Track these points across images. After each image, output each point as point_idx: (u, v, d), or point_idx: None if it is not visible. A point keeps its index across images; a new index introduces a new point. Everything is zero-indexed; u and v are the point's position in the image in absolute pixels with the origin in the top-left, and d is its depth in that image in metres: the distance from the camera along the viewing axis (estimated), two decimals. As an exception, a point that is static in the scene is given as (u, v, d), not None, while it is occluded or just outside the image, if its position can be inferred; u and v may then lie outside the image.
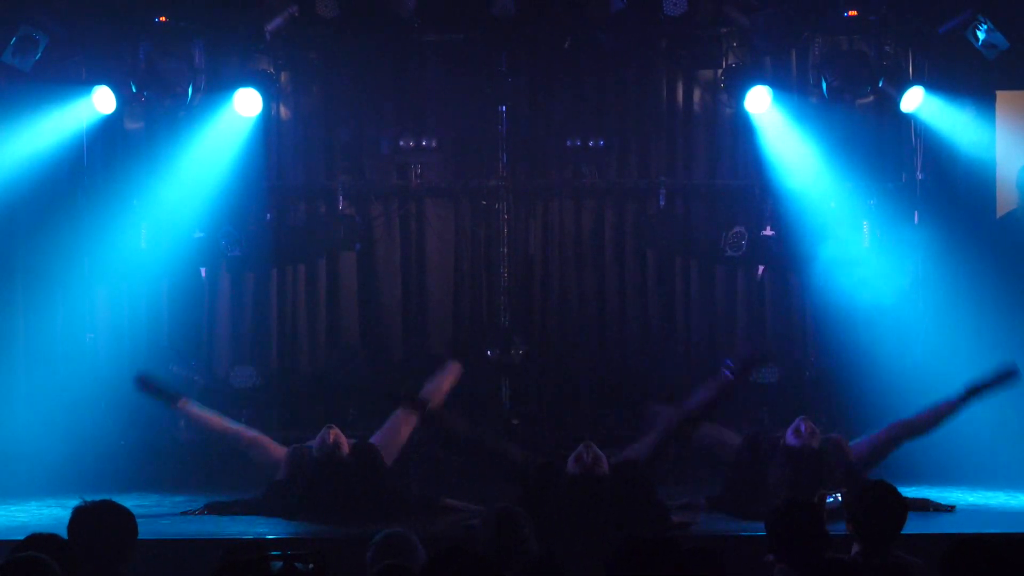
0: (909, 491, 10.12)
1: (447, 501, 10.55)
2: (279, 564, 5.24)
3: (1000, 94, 12.75)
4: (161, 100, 12.62)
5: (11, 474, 11.61)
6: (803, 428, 10.27)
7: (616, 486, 9.68)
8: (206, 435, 11.47)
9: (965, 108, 12.70)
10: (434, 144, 13.23)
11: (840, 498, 8.56)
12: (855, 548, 6.51)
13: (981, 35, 12.17)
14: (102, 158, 12.97)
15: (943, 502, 10.39)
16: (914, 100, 12.65)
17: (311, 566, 5.23)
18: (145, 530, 6.38)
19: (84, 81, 12.58)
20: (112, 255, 12.77)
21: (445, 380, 11.20)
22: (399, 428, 10.91)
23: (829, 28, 12.76)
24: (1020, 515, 10.39)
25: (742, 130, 13.17)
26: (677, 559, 5.18)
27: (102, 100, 12.49)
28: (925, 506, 10.22)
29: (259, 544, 8.54)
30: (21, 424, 12.17)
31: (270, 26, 12.60)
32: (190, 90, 12.47)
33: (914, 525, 8.87)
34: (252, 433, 11.00)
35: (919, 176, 13.01)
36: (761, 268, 13.19)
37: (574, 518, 9.45)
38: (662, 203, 13.22)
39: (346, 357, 13.18)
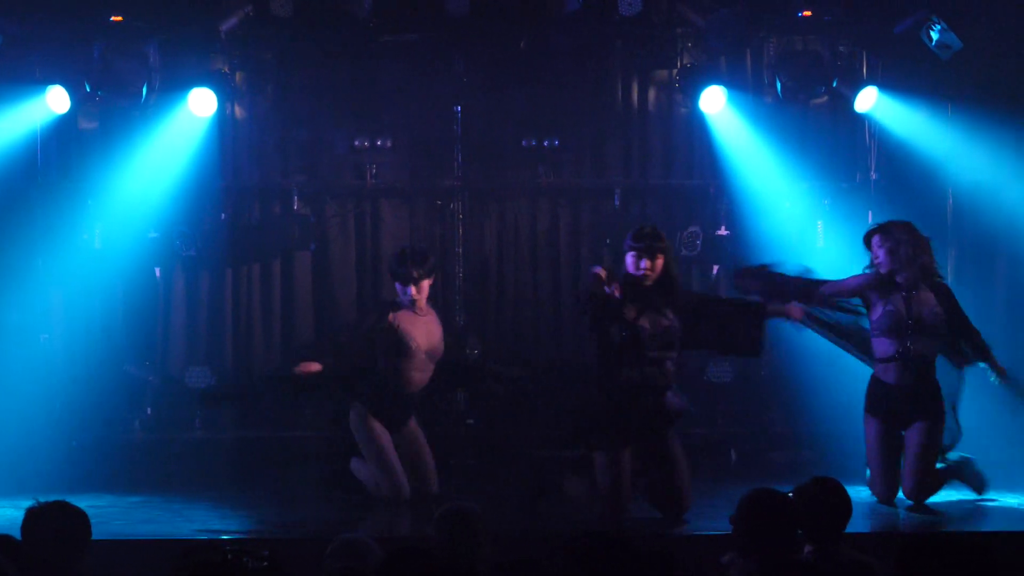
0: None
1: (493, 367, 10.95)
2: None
3: (952, 92, 12.82)
4: (116, 100, 12.56)
5: (-36, 475, 11.54)
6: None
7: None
8: None
9: (918, 108, 12.78)
10: (389, 144, 13.22)
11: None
12: (807, 548, 6.53)
13: (935, 35, 12.24)
14: (56, 158, 12.92)
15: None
16: (868, 100, 12.74)
17: (265, 564, 5.23)
18: (99, 531, 6.36)
19: (38, 80, 12.53)
20: (66, 255, 12.72)
21: None
22: None
23: (783, 28, 12.83)
24: (975, 513, 10.42)
25: (697, 130, 13.22)
26: (630, 559, 5.20)
27: (56, 99, 12.44)
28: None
29: (215, 545, 8.52)
30: (-26, 425, 12.11)
31: (225, 26, 12.60)
32: (144, 90, 12.40)
33: (862, 524, 9.01)
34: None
35: (873, 176, 13.10)
36: (716, 268, 13.22)
37: None
38: (617, 203, 13.25)
39: (301, 357, 13.14)
